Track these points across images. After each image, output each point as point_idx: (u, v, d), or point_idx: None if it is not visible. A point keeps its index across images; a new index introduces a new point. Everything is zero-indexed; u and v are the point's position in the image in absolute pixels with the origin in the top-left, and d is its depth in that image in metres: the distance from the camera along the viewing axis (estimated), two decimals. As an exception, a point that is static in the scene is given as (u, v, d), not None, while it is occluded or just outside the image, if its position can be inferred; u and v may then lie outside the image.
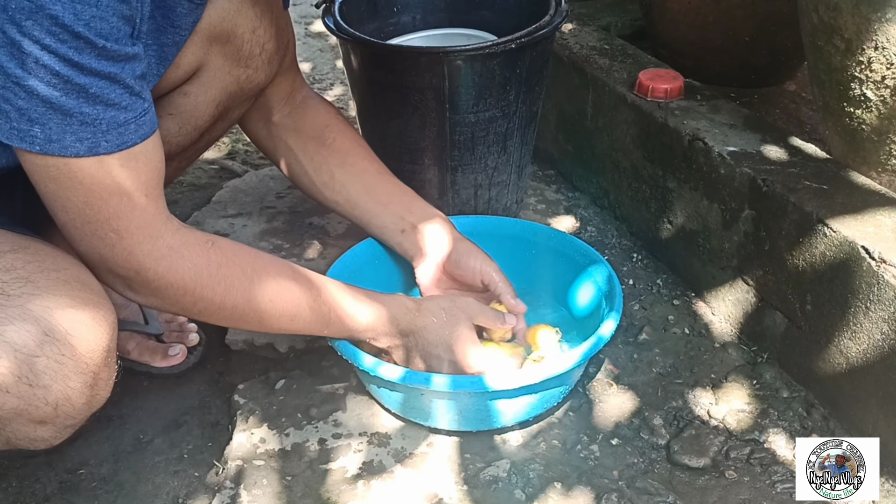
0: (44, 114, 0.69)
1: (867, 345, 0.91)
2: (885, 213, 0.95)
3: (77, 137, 0.70)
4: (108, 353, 0.78)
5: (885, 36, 0.90)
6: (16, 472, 0.97)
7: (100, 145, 0.72)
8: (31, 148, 0.70)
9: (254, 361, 1.12)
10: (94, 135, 0.71)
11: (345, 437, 0.98)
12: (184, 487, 0.95)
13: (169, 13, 0.86)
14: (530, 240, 1.16)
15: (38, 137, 0.70)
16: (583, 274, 1.09)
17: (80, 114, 0.70)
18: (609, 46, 1.43)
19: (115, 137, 0.73)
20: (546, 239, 1.15)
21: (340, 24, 1.19)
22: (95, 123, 0.71)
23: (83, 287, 0.77)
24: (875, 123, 0.97)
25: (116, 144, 0.73)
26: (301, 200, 1.41)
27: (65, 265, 0.78)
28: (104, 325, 0.76)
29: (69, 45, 0.67)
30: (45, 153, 0.71)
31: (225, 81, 0.99)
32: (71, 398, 0.75)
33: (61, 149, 0.70)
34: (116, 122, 0.72)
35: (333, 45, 2.18)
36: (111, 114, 0.72)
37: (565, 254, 1.12)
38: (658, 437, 0.98)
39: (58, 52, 0.66)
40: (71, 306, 0.74)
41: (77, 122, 0.70)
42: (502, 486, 0.92)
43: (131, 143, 0.74)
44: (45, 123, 0.69)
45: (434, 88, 1.15)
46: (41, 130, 0.69)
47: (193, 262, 0.83)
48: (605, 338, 0.94)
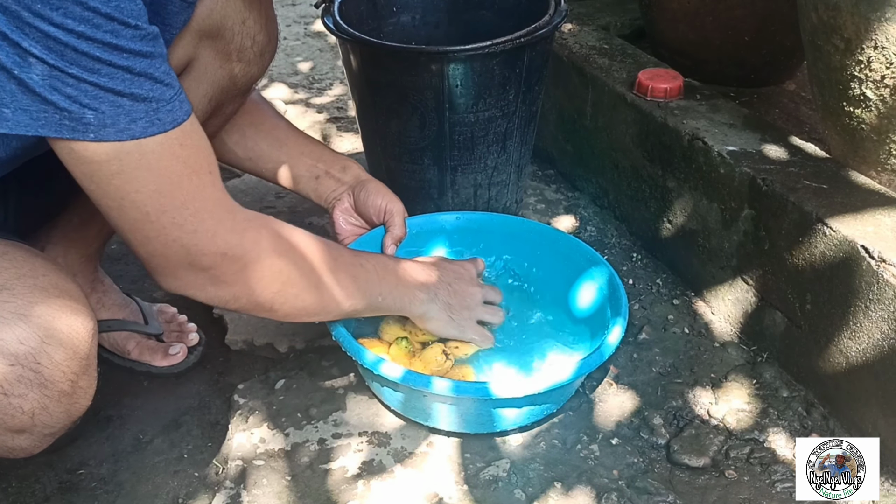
0: (94, 97, 0.66)
1: (867, 344, 0.91)
2: (885, 212, 0.95)
3: (131, 118, 0.68)
4: (87, 360, 0.76)
5: (884, 35, 0.90)
6: (16, 472, 0.97)
7: (154, 123, 0.69)
8: (86, 136, 0.67)
9: (253, 361, 1.12)
10: (147, 113, 0.68)
11: (345, 436, 0.98)
12: (184, 487, 0.95)
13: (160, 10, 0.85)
14: (531, 239, 1.16)
15: (91, 124, 0.66)
16: (583, 275, 1.09)
17: (131, 94, 0.67)
18: (608, 46, 1.43)
19: (166, 115, 0.70)
20: (547, 239, 1.15)
21: (340, 24, 1.19)
22: (147, 101, 0.68)
23: (61, 293, 0.75)
24: (874, 123, 0.97)
25: (170, 122, 0.70)
26: (301, 200, 1.41)
27: (44, 271, 0.76)
28: (82, 332, 0.75)
29: (104, 28, 0.65)
30: (101, 140, 0.67)
31: (217, 76, 0.98)
32: (48, 407, 0.74)
33: (117, 132, 0.67)
34: (164, 98, 0.70)
35: (333, 45, 2.18)
36: (159, 91, 0.69)
37: (566, 254, 1.12)
38: (658, 436, 0.98)
39: (94, 38, 0.64)
40: (48, 313, 0.72)
41: (128, 101, 0.67)
42: (502, 486, 0.92)
43: (181, 119, 0.72)
44: (97, 107, 0.66)
45: (433, 88, 1.15)
46: (94, 115, 0.66)
47: (270, 230, 0.81)
48: (612, 347, 0.94)
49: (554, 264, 1.13)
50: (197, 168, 0.74)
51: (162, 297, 1.24)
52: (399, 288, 0.96)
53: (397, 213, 1.10)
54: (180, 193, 0.73)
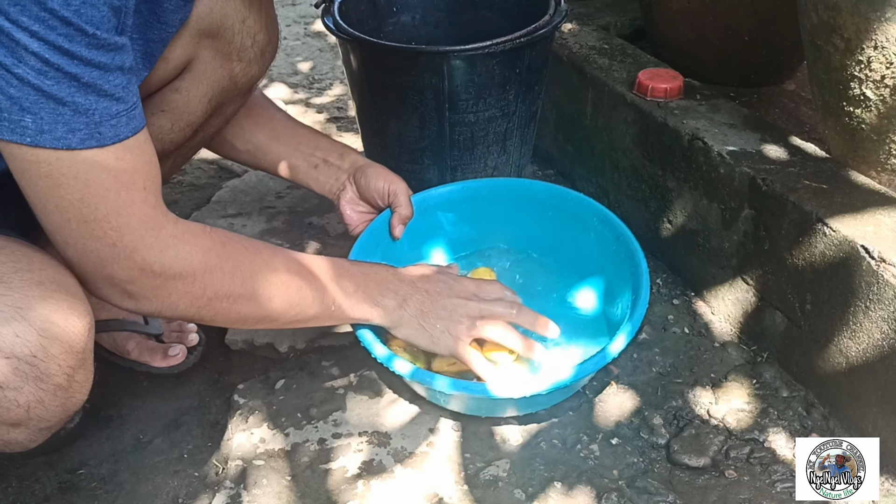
0: (35, 102, 0.65)
1: (867, 344, 0.91)
2: (885, 212, 0.95)
3: (69, 128, 0.67)
4: (84, 354, 0.76)
5: (884, 35, 0.90)
6: (16, 472, 0.97)
7: (93, 137, 0.69)
8: (22, 140, 0.67)
9: (253, 361, 1.12)
10: (88, 125, 0.68)
11: (345, 436, 0.98)
12: (184, 487, 0.95)
13: (156, 8, 0.85)
14: (561, 207, 1.14)
15: (29, 128, 0.66)
16: (612, 255, 1.06)
17: (73, 103, 0.67)
18: (608, 46, 1.43)
19: (108, 129, 0.70)
20: (585, 211, 1.12)
21: (340, 24, 1.19)
22: (88, 114, 0.68)
23: (58, 287, 0.75)
24: (874, 123, 0.97)
25: (110, 137, 0.70)
26: (301, 200, 1.41)
27: (41, 266, 0.76)
28: (78, 326, 0.74)
29: (58, 31, 0.64)
30: (37, 145, 0.67)
31: (216, 75, 0.98)
32: (44, 400, 0.74)
33: (53, 140, 0.67)
34: (109, 113, 0.69)
35: (333, 45, 2.18)
36: (104, 104, 0.69)
37: (598, 230, 1.09)
38: (658, 436, 0.98)
39: (47, 39, 0.64)
40: (44, 307, 0.72)
41: (69, 111, 0.67)
42: (502, 486, 0.92)
43: (124, 135, 0.71)
44: (36, 112, 0.66)
45: (433, 88, 1.15)
46: (33, 120, 0.66)
47: (201, 244, 0.79)
48: (614, 354, 0.92)
49: (565, 227, 1.11)
50: (129, 184, 0.73)
51: (162, 297, 1.24)
52: (358, 294, 0.91)
53: (401, 193, 1.08)
54: (104, 206, 0.72)
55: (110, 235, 0.74)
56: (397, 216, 1.09)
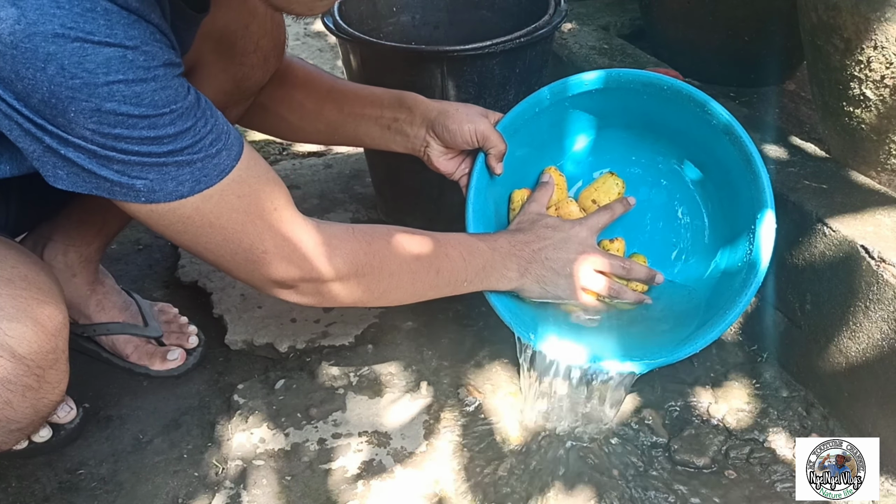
0: (142, 170, 0.68)
1: (867, 344, 0.91)
2: (885, 212, 0.95)
3: (178, 182, 0.70)
4: (55, 354, 0.75)
5: (884, 35, 0.90)
6: (16, 472, 0.97)
7: (200, 182, 0.71)
8: (138, 200, 0.70)
9: (253, 361, 1.13)
10: (193, 174, 0.70)
11: (345, 437, 0.98)
12: (184, 487, 0.95)
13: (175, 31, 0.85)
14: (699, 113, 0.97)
15: (141, 191, 0.69)
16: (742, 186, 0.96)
17: (175, 163, 0.69)
18: (608, 46, 1.43)
19: (212, 169, 0.72)
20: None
21: (340, 24, 1.19)
22: (192, 164, 0.70)
23: (29, 285, 0.74)
24: (874, 123, 0.97)
25: (216, 174, 0.72)
26: (301, 200, 1.41)
27: (13, 263, 0.75)
28: (49, 325, 0.74)
29: (140, 126, 0.66)
30: (153, 202, 0.70)
31: (219, 80, 0.97)
32: (11, 402, 0.73)
33: (166, 195, 0.70)
34: (210, 154, 0.71)
35: (333, 45, 2.18)
36: (203, 151, 0.71)
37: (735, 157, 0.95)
38: (658, 436, 0.98)
39: (132, 137, 0.66)
40: (11, 306, 0.72)
41: (174, 169, 0.69)
42: (502, 486, 0.92)
43: (229, 168, 0.73)
44: (145, 177, 0.69)
45: (433, 88, 1.15)
46: (143, 184, 0.69)
47: (348, 248, 0.83)
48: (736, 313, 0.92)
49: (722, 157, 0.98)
50: (259, 211, 0.76)
51: (162, 296, 1.25)
52: (486, 270, 0.95)
53: (489, 132, 1.03)
54: (247, 238, 0.76)
55: (262, 258, 0.78)
56: (493, 156, 1.04)
